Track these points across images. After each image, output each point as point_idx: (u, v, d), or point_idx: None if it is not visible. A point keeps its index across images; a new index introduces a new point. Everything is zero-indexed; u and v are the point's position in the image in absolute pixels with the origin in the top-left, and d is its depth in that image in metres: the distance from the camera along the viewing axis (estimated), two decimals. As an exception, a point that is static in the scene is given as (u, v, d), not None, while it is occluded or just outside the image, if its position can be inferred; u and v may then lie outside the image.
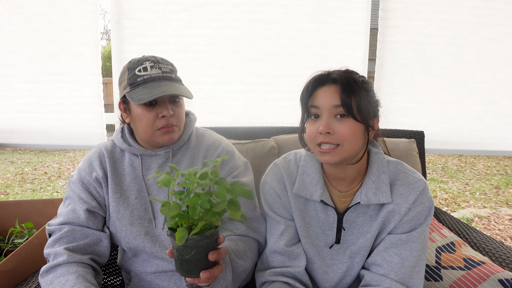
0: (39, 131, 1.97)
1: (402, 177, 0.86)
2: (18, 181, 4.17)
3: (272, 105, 1.96)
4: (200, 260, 0.65)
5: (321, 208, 0.89)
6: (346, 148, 0.78)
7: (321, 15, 1.89)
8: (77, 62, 1.89)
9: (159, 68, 0.90)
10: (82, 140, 1.97)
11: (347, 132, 0.77)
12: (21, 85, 1.93)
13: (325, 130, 0.77)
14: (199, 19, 1.87)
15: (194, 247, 0.64)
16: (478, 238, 1.26)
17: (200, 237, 0.63)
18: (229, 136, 1.42)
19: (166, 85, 0.88)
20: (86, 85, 1.91)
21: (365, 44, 1.91)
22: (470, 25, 1.88)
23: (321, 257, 0.91)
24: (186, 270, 0.66)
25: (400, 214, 0.84)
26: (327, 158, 0.79)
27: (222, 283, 0.78)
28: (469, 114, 1.97)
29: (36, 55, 1.89)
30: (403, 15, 1.88)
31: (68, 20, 1.85)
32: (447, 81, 1.94)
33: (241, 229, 0.93)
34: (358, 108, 0.78)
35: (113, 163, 0.97)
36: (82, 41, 1.87)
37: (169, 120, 0.90)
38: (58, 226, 0.91)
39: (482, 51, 1.90)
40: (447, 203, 3.57)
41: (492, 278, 0.95)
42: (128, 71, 0.90)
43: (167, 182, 0.64)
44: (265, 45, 1.91)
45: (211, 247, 0.67)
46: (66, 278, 0.81)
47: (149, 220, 0.94)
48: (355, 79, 0.80)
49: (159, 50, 1.89)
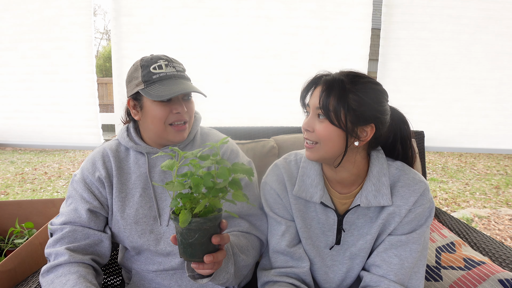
0: (35, 130, 1.95)
1: (403, 179, 0.86)
2: (18, 181, 4.16)
3: (274, 103, 1.93)
4: (204, 243, 0.66)
5: (321, 209, 0.89)
6: (323, 147, 0.81)
7: (324, 11, 1.84)
8: (70, 60, 1.85)
9: (173, 67, 0.92)
10: (78, 140, 1.95)
11: (322, 133, 0.79)
12: (15, 84, 1.89)
13: (305, 127, 0.83)
14: (199, 15, 1.83)
15: (197, 230, 0.64)
16: (478, 238, 1.26)
17: (203, 220, 0.64)
18: (229, 136, 1.41)
19: (183, 83, 0.90)
20: (80, 84, 1.87)
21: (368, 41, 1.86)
22: (478, 20, 1.81)
23: (321, 258, 0.91)
24: (190, 254, 0.67)
25: (400, 216, 0.84)
26: (308, 154, 0.84)
27: (224, 275, 0.78)
28: (476, 112, 1.92)
29: (29, 53, 1.85)
30: (407, 10, 1.83)
31: (61, 16, 1.80)
32: (453, 78, 1.88)
33: (244, 227, 0.94)
34: (334, 111, 0.77)
35: (119, 162, 0.97)
36: (75, 38, 1.82)
37: (183, 116, 0.93)
38: (59, 226, 0.91)
39: (491, 47, 1.83)
40: (447, 203, 3.57)
41: (492, 278, 0.95)
42: (142, 68, 0.92)
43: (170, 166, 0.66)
44: (266, 42, 1.87)
45: (214, 231, 0.67)
46: (67, 278, 0.81)
47: (154, 218, 0.95)
48: (343, 82, 0.78)
49: (158, 47, 1.84)
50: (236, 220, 0.95)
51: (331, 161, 0.84)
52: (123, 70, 1.86)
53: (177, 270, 0.96)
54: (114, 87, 1.88)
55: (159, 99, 0.87)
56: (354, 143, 0.81)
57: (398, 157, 0.90)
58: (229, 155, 1.01)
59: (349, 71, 0.82)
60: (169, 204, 0.94)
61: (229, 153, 1.01)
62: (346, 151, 0.81)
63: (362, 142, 0.81)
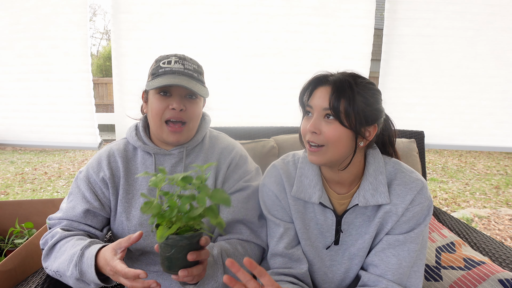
0: (33, 130, 1.93)
1: (400, 177, 0.85)
2: (18, 181, 4.17)
3: (274, 101, 1.90)
4: (180, 258, 0.68)
5: (320, 210, 0.89)
6: (330, 149, 0.79)
7: (327, 7, 1.80)
8: (66, 59, 1.82)
9: (182, 64, 0.92)
10: (75, 140, 1.92)
11: (331, 135, 0.78)
12: (12, 83, 1.87)
13: (312, 129, 0.79)
14: (198, 12, 1.79)
15: (174, 246, 0.66)
16: (478, 238, 1.26)
17: (179, 237, 0.66)
18: (229, 136, 1.42)
19: (181, 79, 0.89)
20: (76, 83, 1.84)
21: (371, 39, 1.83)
22: (483, 16, 1.76)
23: (320, 258, 0.91)
24: (167, 266, 0.69)
25: (397, 214, 0.83)
26: (313, 158, 0.82)
27: (212, 284, 0.79)
28: (480, 110, 1.88)
29: (25, 52, 1.82)
30: (410, 6, 1.79)
31: (57, 14, 1.77)
32: (457, 76, 1.85)
33: (244, 234, 0.94)
34: (345, 112, 0.77)
35: (126, 163, 0.97)
36: (71, 36, 1.78)
37: (179, 114, 0.90)
38: (57, 221, 0.93)
39: (496, 44, 1.79)
40: (447, 203, 3.57)
41: (492, 278, 0.95)
42: (155, 63, 0.94)
43: (155, 183, 0.67)
44: (267, 40, 1.84)
45: (191, 247, 0.68)
46: (69, 242, 0.85)
47: None
48: (351, 83, 0.78)
49: (156, 45, 1.81)
50: (237, 226, 0.95)
51: (337, 164, 0.83)
52: (122, 68, 1.83)
53: None
54: (114, 85, 1.85)
55: (149, 88, 0.88)
56: (360, 144, 0.81)
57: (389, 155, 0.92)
58: (238, 161, 1.01)
59: (350, 72, 0.82)
60: None
61: (238, 159, 1.01)
62: (355, 152, 0.81)
63: (366, 142, 0.82)
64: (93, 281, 0.78)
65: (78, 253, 0.79)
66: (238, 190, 0.97)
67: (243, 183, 0.98)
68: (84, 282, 0.81)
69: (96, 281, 0.78)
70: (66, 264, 0.81)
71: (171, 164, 0.97)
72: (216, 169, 0.98)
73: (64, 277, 0.83)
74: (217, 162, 0.98)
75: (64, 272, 0.82)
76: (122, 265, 0.70)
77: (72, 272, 0.79)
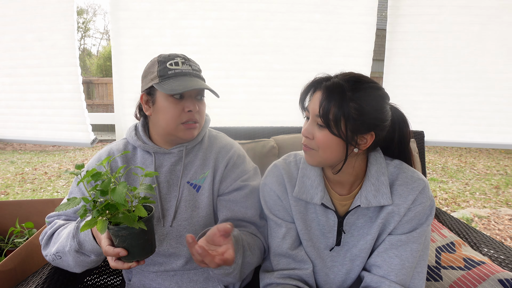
0: (27, 126, 1.90)
1: (401, 177, 0.85)
2: (18, 181, 4.16)
3: (275, 99, 1.87)
4: (127, 247, 0.72)
5: (322, 211, 0.89)
6: (321, 155, 0.80)
7: (328, 4, 1.77)
8: (52, 52, 1.76)
9: (189, 65, 0.93)
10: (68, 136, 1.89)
11: (322, 141, 0.79)
12: (1, 78, 1.83)
13: (305, 134, 0.82)
14: (197, 9, 1.76)
15: (116, 236, 0.71)
16: (478, 238, 1.26)
17: (117, 228, 0.70)
18: (229, 136, 1.42)
19: (197, 81, 0.91)
20: (63, 78, 1.80)
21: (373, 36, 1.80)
22: (491, 10, 1.71)
23: (322, 259, 0.91)
24: (131, 255, 0.73)
25: (399, 214, 0.83)
26: (306, 157, 0.85)
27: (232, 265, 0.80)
28: (489, 107, 1.84)
29: (12, 45, 1.78)
30: (413, 2, 1.75)
31: (43, 5, 1.71)
32: (464, 72, 1.80)
33: (251, 229, 0.96)
34: (335, 120, 0.75)
35: (126, 163, 0.98)
36: (57, 28, 1.72)
37: (194, 115, 0.93)
38: (56, 218, 0.96)
39: (505, 38, 1.73)
40: (447, 203, 3.57)
41: (492, 278, 0.95)
42: (158, 63, 0.92)
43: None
44: (267, 37, 1.81)
45: (133, 238, 0.71)
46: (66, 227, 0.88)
47: (157, 218, 0.95)
48: (344, 90, 0.75)
49: (155, 43, 1.78)
50: (241, 224, 0.97)
51: (331, 167, 0.85)
52: (121, 66, 1.81)
53: (177, 271, 0.97)
54: (113, 83, 1.83)
55: (171, 92, 0.87)
56: (354, 150, 0.80)
57: (394, 157, 0.89)
58: (236, 160, 1.02)
59: (350, 76, 0.79)
60: (173, 205, 0.95)
61: (236, 158, 1.02)
62: (346, 159, 0.80)
63: (361, 149, 0.81)
64: (92, 250, 0.81)
65: (74, 226, 0.85)
66: (236, 189, 0.99)
67: (241, 182, 0.99)
68: (84, 254, 0.83)
69: (95, 249, 0.80)
70: (65, 241, 0.85)
71: (171, 163, 0.97)
72: (214, 168, 0.99)
73: (64, 256, 0.85)
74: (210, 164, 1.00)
75: (63, 249, 0.84)
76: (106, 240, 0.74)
77: (70, 245, 0.82)
